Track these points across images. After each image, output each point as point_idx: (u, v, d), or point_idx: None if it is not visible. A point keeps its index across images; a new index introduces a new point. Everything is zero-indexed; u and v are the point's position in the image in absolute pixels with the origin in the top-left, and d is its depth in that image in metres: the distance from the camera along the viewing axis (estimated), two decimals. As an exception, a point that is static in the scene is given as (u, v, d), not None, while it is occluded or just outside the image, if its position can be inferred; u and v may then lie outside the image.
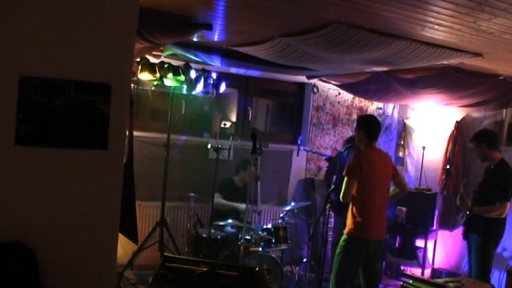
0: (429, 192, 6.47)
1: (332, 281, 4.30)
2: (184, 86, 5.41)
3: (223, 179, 5.79)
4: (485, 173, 4.98)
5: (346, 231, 4.29)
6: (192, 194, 5.56)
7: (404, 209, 6.44)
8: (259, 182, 5.01)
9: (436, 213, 6.59)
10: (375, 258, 4.35)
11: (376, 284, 4.47)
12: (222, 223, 5.48)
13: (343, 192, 4.23)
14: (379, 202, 4.27)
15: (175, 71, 5.21)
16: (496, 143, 4.88)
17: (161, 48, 5.12)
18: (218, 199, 5.63)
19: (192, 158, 6.09)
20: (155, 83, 5.22)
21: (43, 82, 2.67)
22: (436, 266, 6.44)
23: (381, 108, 7.35)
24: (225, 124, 6.55)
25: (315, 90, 6.86)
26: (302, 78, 6.50)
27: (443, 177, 6.49)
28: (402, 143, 7.33)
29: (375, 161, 4.29)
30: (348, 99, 7.09)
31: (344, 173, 4.26)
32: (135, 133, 4.74)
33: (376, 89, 6.08)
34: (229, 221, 5.53)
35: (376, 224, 4.26)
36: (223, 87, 5.70)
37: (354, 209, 4.26)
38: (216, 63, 5.72)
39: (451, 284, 3.89)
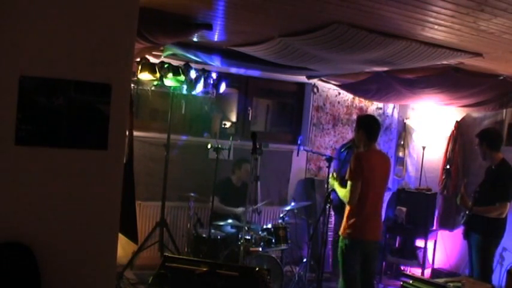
0: (429, 192, 6.47)
1: (341, 284, 4.30)
2: (184, 86, 5.41)
3: (220, 179, 5.75)
4: (487, 172, 4.99)
5: (341, 232, 4.31)
6: (192, 194, 5.56)
7: (404, 209, 6.44)
8: (259, 182, 5.01)
9: (436, 213, 6.58)
10: (370, 258, 4.36)
11: (372, 284, 4.48)
12: (222, 223, 5.48)
13: (350, 197, 4.21)
14: (373, 203, 4.28)
15: (175, 71, 5.20)
16: (497, 144, 4.87)
17: (161, 48, 5.12)
18: (217, 203, 5.62)
19: (192, 158, 6.09)
20: (155, 83, 5.22)
21: (43, 82, 2.67)
22: (436, 266, 6.44)
23: (380, 108, 7.35)
24: (225, 124, 6.56)
25: (315, 90, 6.86)
26: (302, 78, 6.49)
27: (443, 177, 6.49)
28: (402, 143, 7.33)
29: (374, 163, 4.30)
30: (348, 99, 7.08)
31: (347, 177, 4.25)
32: (135, 133, 4.74)
33: (376, 89, 6.08)
34: (229, 221, 5.53)
35: (370, 225, 4.27)
36: (223, 87, 5.69)
37: (349, 210, 4.27)
38: (216, 63, 5.72)
39: (451, 284, 3.89)
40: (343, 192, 4.29)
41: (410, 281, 4.03)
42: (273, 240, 5.25)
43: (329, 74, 6.17)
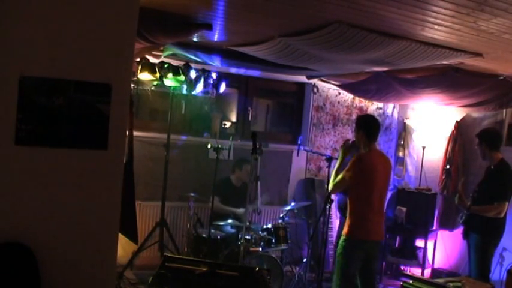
0: (429, 192, 6.47)
1: (336, 282, 4.30)
2: (184, 86, 5.41)
3: (219, 179, 5.73)
4: (486, 172, 4.99)
5: (344, 231, 4.31)
6: (192, 194, 5.56)
7: (404, 209, 6.44)
8: (259, 182, 5.00)
9: (436, 213, 6.58)
10: (372, 258, 4.36)
11: (374, 284, 4.48)
12: (222, 223, 5.48)
13: (334, 184, 4.32)
14: (376, 203, 4.29)
15: (175, 71, 5.20)
16: (496, 145, 4.87)
17: (161, 48, 5.12)
18: (216, 203, 5.61)
19: (192, 158, 6.09)
20: (155, 83, 5.22)
21: (43, 82, 2.67)
22: (436, 266, 6.44)
23: (381, 108, 7.35)
24: (225, 124, 6.55)
25: (315, 90, 6.86)
26: (302, 78, 6.49)
27: (443, 177, 6.49)
28: (402, 143, 7.33)
29: (375, 164, 4.30)
30: (348, 99, 7.08)
31: (344, 171, 4.28)
32: (135, 133, 4.74)
33: (376, 89, 6.07)
34: (229, 221, 5.53)
35: (373, 225, 4.27)
36: (223, 87, 5.69)
37: (352, 210, 4.28)
38: (216, 63, 5.72)
39: (451, 284, 3.89)
40: (334, 177, 4.32)
41: (410, 281, 4.03)
42: (273, 240, 5.25)
43: (329, 74, 6.17)
